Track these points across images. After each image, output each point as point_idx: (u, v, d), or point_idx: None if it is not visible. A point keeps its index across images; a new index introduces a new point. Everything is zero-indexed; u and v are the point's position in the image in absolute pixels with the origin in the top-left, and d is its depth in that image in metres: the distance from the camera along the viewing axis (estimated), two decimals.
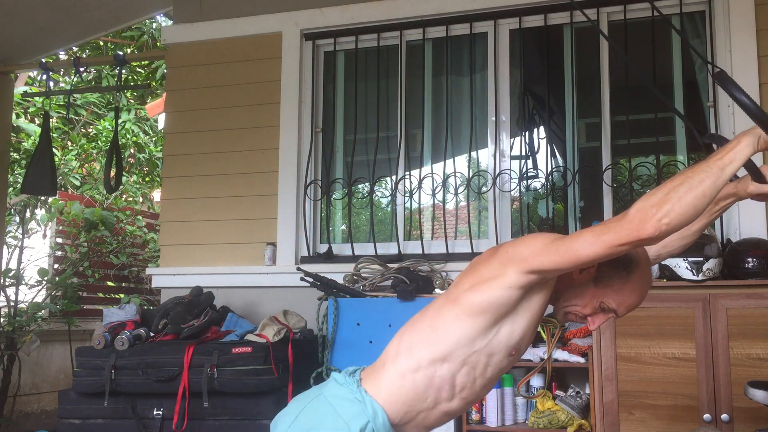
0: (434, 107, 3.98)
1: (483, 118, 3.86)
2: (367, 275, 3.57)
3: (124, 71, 5.16)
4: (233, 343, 3.16)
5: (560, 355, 3.08)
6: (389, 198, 3.98)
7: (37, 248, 5.95)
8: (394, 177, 3.93)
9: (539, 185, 3.94)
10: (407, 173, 3.88)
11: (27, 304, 5.16)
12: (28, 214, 6.01)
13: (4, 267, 5.02)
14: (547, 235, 1.40)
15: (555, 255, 1.35)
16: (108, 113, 7.19)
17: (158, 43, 6.62)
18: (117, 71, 4.89)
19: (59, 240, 5.86)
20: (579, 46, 3.73)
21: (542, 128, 4.28)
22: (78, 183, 6.71)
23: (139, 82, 7.33)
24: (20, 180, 5.24)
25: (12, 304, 5.07)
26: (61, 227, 5.84)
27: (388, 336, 1.58)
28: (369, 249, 3.82)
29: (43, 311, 5.13)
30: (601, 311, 1.52)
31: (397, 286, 3.33)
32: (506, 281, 1.41)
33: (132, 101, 7.61)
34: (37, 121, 6.48)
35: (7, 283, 5.09)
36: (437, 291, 3.36)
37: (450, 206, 3.93)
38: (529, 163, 4.07)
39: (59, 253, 5.79)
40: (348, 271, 3.60)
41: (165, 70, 4.99)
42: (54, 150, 5.38)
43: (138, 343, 3.22)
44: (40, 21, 4.53)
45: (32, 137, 6.01)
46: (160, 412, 3.08)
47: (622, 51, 3.39)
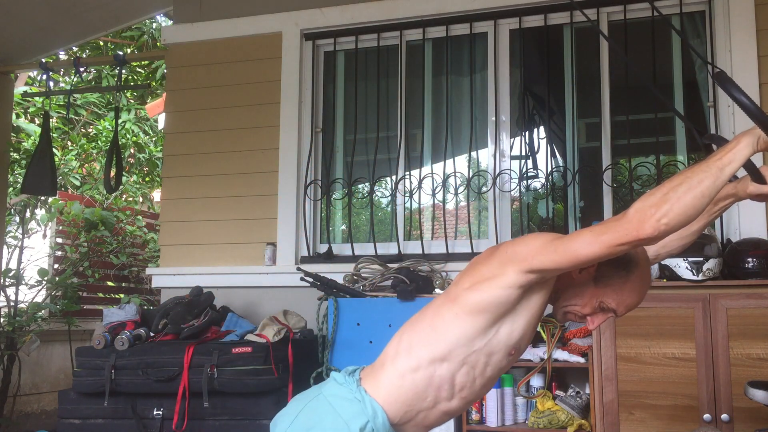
0: (434, 107, 3.98)
1: (483, 118, 3.86)
2: (367, 275, 3.57)
3: (124, 71, 5.16)
4: (233, 343, 3.16)
5: (560, 355, 3.08)
6: (389, 198, 3.98)
7: (37, 248, 5.95)
8: (394, 177, 3.93)
9: (539, 185, 3.95)
10: (407, 173, 3.88)
11: (27, 304, 5.16)
12: (28, 214, 6.01)
13: (4, 267, 5.02)
14: (547, 234, 1.40)
15: (554, 254, 1.35)
16: (108, 113, 7.19)
17: (158, 43, 6.62)
18: (117, 71, 4.89)
19: (59, 240, 5.86)
20: (579, 46, 3.73)
21: (542, 128, 4.28)
22: (78, 183, 6.71)
23: (139, 82, 7.33)
24: (20, 180, 5.24)
25: (12, 304, 5.07)
26: (61, 227, 5.84)
27: (388, 336, 1.58)
28: (369, 249, 3.82)
29: (43, 311, 5.13)
30: (600, 311, 1.52)
31: (397, 286, 3.33)
32: (506, 280, 1.41)
33: (132, 101, 7.61)
34: (37, 121, 6.48)
35: (7, 283, 5.09)
36: (437, 291, 3.36)
37: (450, 206, 3.93)
38: (529, 163, 4.07)
39: (59, 253, 5.79)
40: (348, 271, 3.60)
41: (165, 70, 4.99)
42: (54, 150, 5.37)
43: (138, 343, 3.22)
44: (40, 21, 4.53)
45: (32, 137, 6.01)
46: (160, 412, 3.08)
47: (622, 52, 3.40)
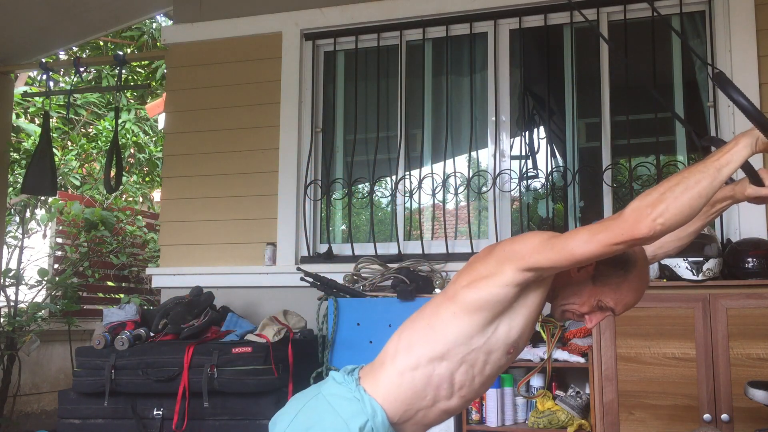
0: (434, 107, 3.98)
1: (483, 118, 3.86)
2: (367, 275, 3.57)
3: (124, 71, 5.16)
4: (233, 343, 3.16)
5: (560, 355, 3.08)
6: (389, 198, 3.98)
7: (37, 248, 5.95)
8: (394, 177, 3.93)
9: (539, 185, 3.95)
10: (407, 173, 3.88)
11: (27, 304, 5.16)
12: (28, 214, 6.00)
13: (4, 267, 5.02)
14: (544, 233, 1.40)
15: (551, 253, 1.35)
16: (108, 113, 7.19)
17: (158, 43, 6.62)
18: (117, 71, 4.89)
19: (59, 240, 5.86)
20: (579, 46, 3.73)
21: (542, 128, 4.28)
22: (78, 183, 6.71)
23: (139, 82, 7.33)
24: (20, 180, 5.24)
25: (12, 304, 5.07)
26: (61, 227, 5.84)
27: (388, 336, 1.58)
28: (369, 249, 3.82)
29: (43, 311, 5.13)
30: (598, 309, 1.53)
31: (397, 286, 3.33)
32: (503, 279, 1.41)
33: (132, 101, 7.61)
34: (37, 121, 6.48)
35: (7, 283, 5.09)
36: (437, 291, 3.36)
37: (450, 206, 3.93)
38: (529, 163, 4.07)
39: (59, 253, 5.79)
40: (348, 271, 3.60)
41: (165, 70, 4.99)
42: (54, 150, 5.37)
43: (138, 343, 3.22)
44: (40, 21, 4.53)
45: (32, 137, 6.01)
46: (160, 412, 3.08)
47: (623, 54, 3.39)
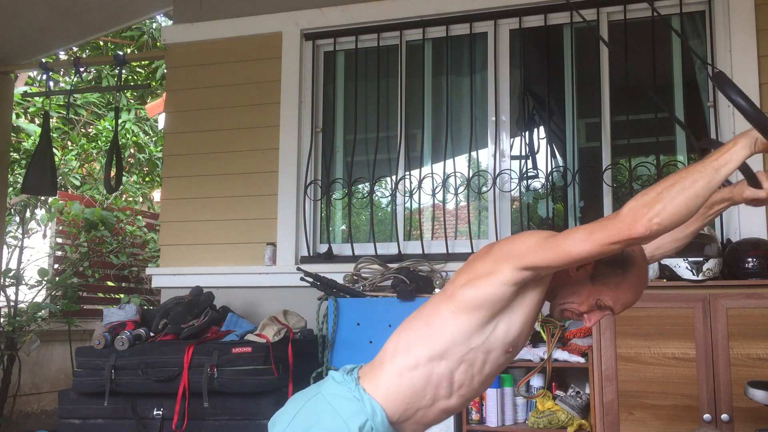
0: (434, 107, 3.98)
1: (483, 118, 3.86)
2: (367, 275, 3.57)
3: (124, 71, 5.16)
4: (233, 343, 3.16)
5: (560, 355, 3.08)
6: (389, 198, 3.98)
7: (37, 248, 5.95)
8: (394, 177, 3.93)
9: (539, 185, 3.94)
10: (407, 173, 3.88)
11: (27, 304, 5.16)
12: (28, 214, 6.00)
13: (4, 267, 5.03)
14: (542, 232, 1.41)
15: (548, 252, 1.35)
16: (108, 113, 7.19)
17: (158, 43, 6.62)
18: (117, 71, 4.89)
19: (59, 240, 5.86)
20: (579, 46, 3.73)
21: (542, 128, 4.28)
22: (78, 183, 6.71)
23: (139, 82, 7.32)
24: (20, 180, 5.24)
25: (12, 304, 5.07)
26: (61, 227, 5.84)
27: (387, 336, 1.58)
28: (369, 249, 3.81)
29: (43, 311, 5.13)
30: (597, 308, 1.53)
31: (397, 286, 3.33)
32: (501, 278, 1.41)
33: (132, 101, 7.61)
34: (37, 121, 6.48)
35: (7, 283, 5.09)
36: (437, 291, 3.36)
37: (450, 206, 3.93)
38: (529, 163, 4.07)
39: (59, 253, 5.79)
40: (348, 271, 3.60)
41: (165, 70, 4.99)
42: (54, 150, 5.37)
43: (138, 343, 3.22)
44: (40, 21, 4.53)
45: (32, 137, 6.01)
46: (160, 412, 3.08)
47: (622, 57, 3.39)
